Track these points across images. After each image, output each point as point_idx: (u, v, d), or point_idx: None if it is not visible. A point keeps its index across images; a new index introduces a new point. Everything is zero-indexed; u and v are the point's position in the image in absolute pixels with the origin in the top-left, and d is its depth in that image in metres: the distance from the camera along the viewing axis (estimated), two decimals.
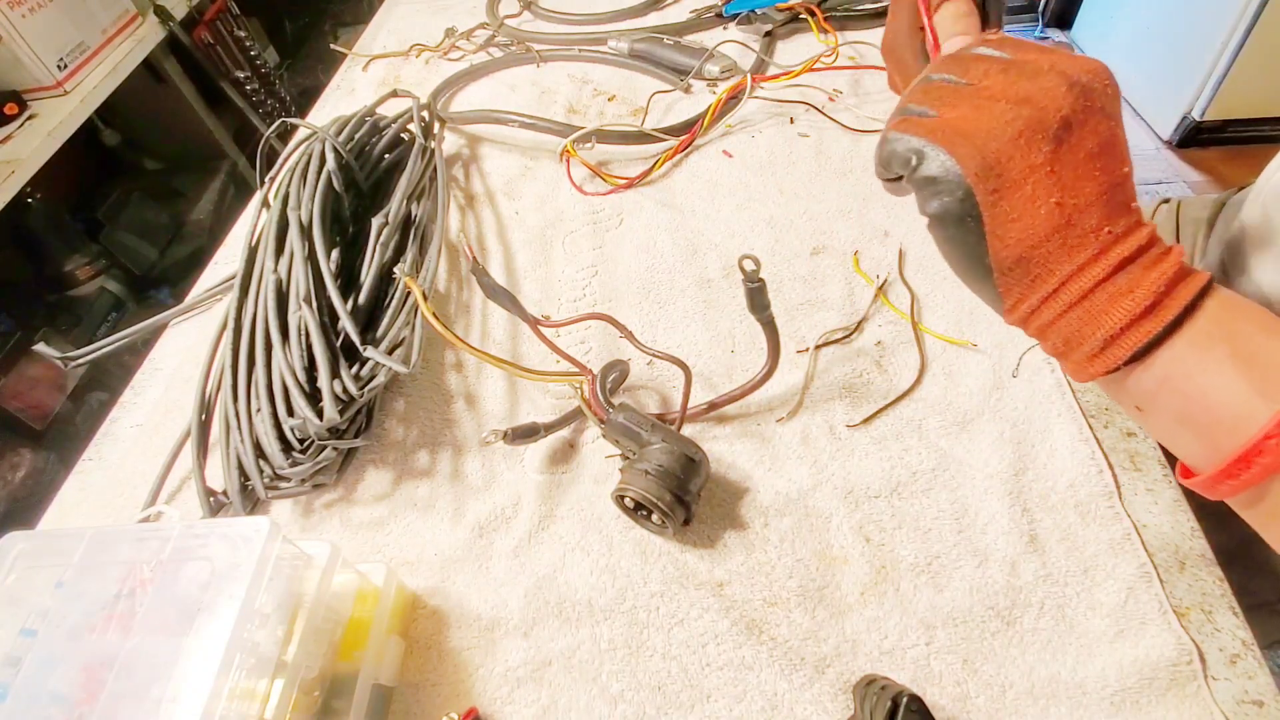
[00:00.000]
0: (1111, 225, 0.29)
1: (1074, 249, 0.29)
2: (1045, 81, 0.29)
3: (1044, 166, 0.29)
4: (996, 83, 0.30)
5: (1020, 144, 0.29)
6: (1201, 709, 0.35)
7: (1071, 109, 0.29)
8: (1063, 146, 0.29)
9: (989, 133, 0.29)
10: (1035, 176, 0.29)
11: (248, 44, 1.81)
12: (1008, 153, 0.29)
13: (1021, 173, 0.29)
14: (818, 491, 0.45)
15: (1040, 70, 0.30)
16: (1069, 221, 0.29)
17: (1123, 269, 0.28)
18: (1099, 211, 0.29)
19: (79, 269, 1.57)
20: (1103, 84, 0.29)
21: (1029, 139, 0.29)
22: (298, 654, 0.34)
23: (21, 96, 1.30)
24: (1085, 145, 0.29)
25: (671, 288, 0.60)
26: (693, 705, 0.38)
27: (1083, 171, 0.29)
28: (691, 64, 0.80)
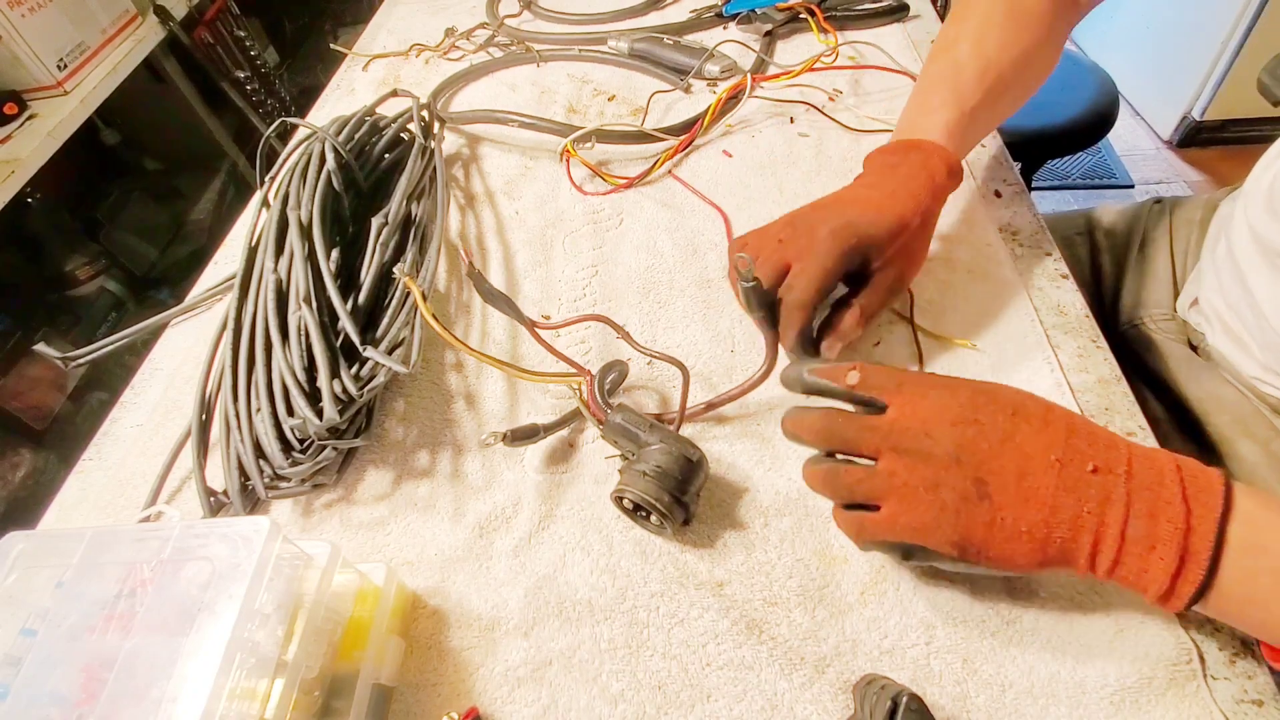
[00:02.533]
0: (1086, 505, 0.31)
1: (1074, 540, 0.31)
2: (937, 458, 0.33)
3: (995, 520, 0.32)
4: (898, 467, 0.34)
5: (964, 521, 0.32)
6: (1201, 708, 0.35)
7: (975, 470, 0.33)
8: (994, 499, 0.32)
9: (936, 525, 0.33)
10: (994, 529, 0.32)
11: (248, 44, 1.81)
12: (961, 530, 0.33)
13: (984, 533, 0.32)
14: None
15: (923, 444, 0.33)
16: (1050, 530, 0.31)
17: (1127, 529, 0.30)
18: (1067, 504, 0.31)
19: (79, 269, 1.57)
20: (976, 426, 0.33)
21: (967, 514, 0.32)
22: (298, 654, 0.34)
23: (21, 96, 1.30)
24: (1009, 479, 0.32)
25: (671, 288, 0.60)
26: (693, 705, 0.38)
27: (1024, 495, 0.32)
28: (691, 64, 0.80)
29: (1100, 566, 0.31)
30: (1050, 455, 0.32)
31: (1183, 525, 0.29)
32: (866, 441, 0.35)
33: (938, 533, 0.33)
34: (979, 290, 0.54)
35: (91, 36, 1.41)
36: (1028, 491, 0.32)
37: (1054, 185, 2.04)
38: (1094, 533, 0.31)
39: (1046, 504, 0.31)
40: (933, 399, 0.34)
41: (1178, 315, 0.61)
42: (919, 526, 0.33)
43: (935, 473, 0.33)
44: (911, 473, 0.34)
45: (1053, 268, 0.55)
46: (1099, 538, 0.31)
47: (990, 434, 0.33)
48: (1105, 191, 2.00)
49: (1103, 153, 2.10)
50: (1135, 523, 0.30)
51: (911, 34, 0.82)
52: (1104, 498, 0.31)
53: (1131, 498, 0.31)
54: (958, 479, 0.33)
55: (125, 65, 1.46)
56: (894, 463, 0.34)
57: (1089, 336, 0.50)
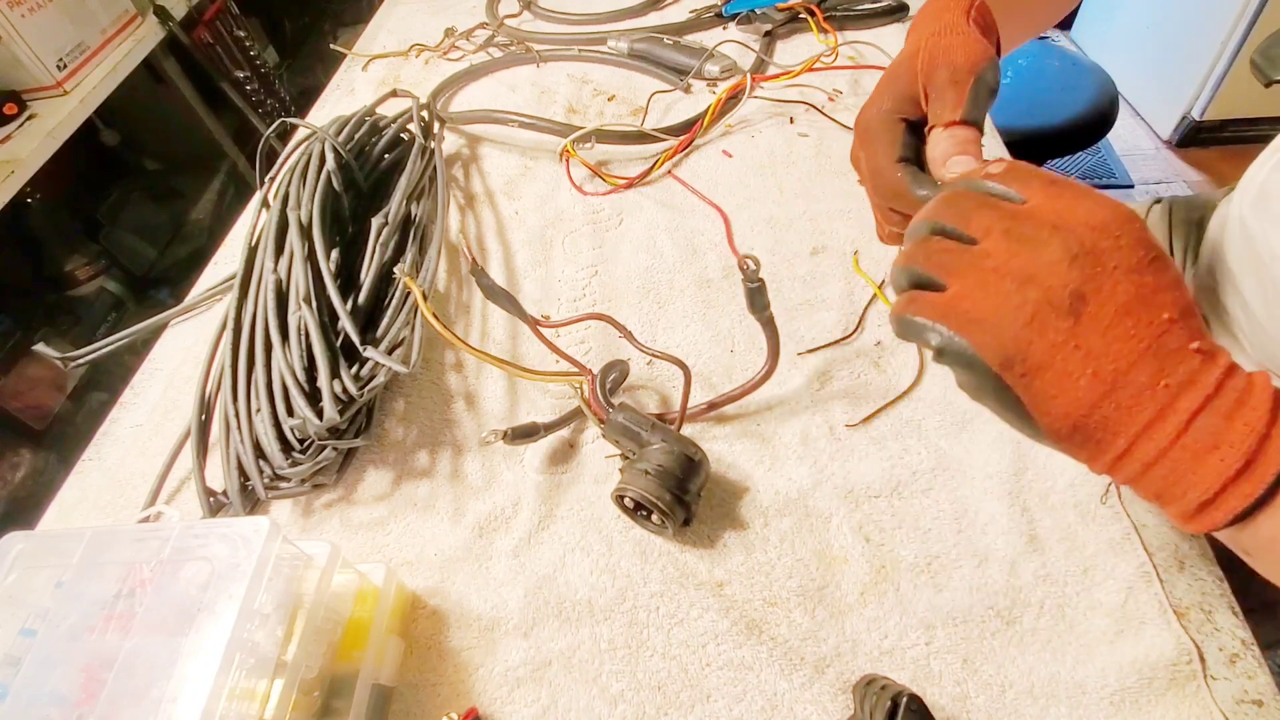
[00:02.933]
0: (1167, 378, 0.26)
1: (1131, 410, 0.27)
2: (1048, 253, 0.28)
3: (1067, 344, 0.27)
4: (1000, 249, 0.29)
5: (1035, 328, 0.27)
6: (1201, 708, 0.35)
7: (1080, 280, 0.27)
8: (1082, 319, 0.27)
9: (1000, 319, 0.28)
10: (1062, 354, 0.27)
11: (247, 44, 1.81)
12: (1025, 338, 0.27)
13: (1046, 353, 0.27)
14: (817, 491, 0.45)
15: (1042, 235, 0.28)
16: (1114, 386, 0.27)
17: (1195, 421, 0.26)
18: (1147, 367, 0.27)
19: (79, 269, 1.57)
20: (1114, 239, 0.28)
21: (1042, 321, 0.27)
22: (297, 654, 0.34)
23: (21, 96, 1.29)
24: (1108, 309, 0.27)
25: (671, 288, 0.60)
26: (693, 705, 0.38)
27: (1114, 335, 0.27)
28: (691, 64, 0.80)
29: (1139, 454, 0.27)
30: (1165, 313, 0.27)
31: (1261, 431, 0.26)
32: (980, 218, 0.30)
33: (995, 330, 0.28)
34: None
35: (91, 36, 1.41)
36: (1124, 331, 0.27)
37: None
38: (1158, 410, 0.27)
39: (1133, 354, 0.27)
40: (1083, 200, 0.29)
41: None
42: (978, 317, 0.28)
43: (1037, 265, 0.28)
44: (1010, 258, 0.28)
45: None
46: (1160, 417, 0.27)
47: (1122, 255, 0.27)
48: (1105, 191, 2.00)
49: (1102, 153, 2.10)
50: (1208, 417, 0.26)
51: None
52: (1190, 379, 0.27)
53: (1218, 392, 0.26)
54: (1057, 281, 0.27)
55: (125, 65, 1.46)
56: (996, 244, 0.29)
57: None
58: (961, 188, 0.32)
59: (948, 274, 0.30)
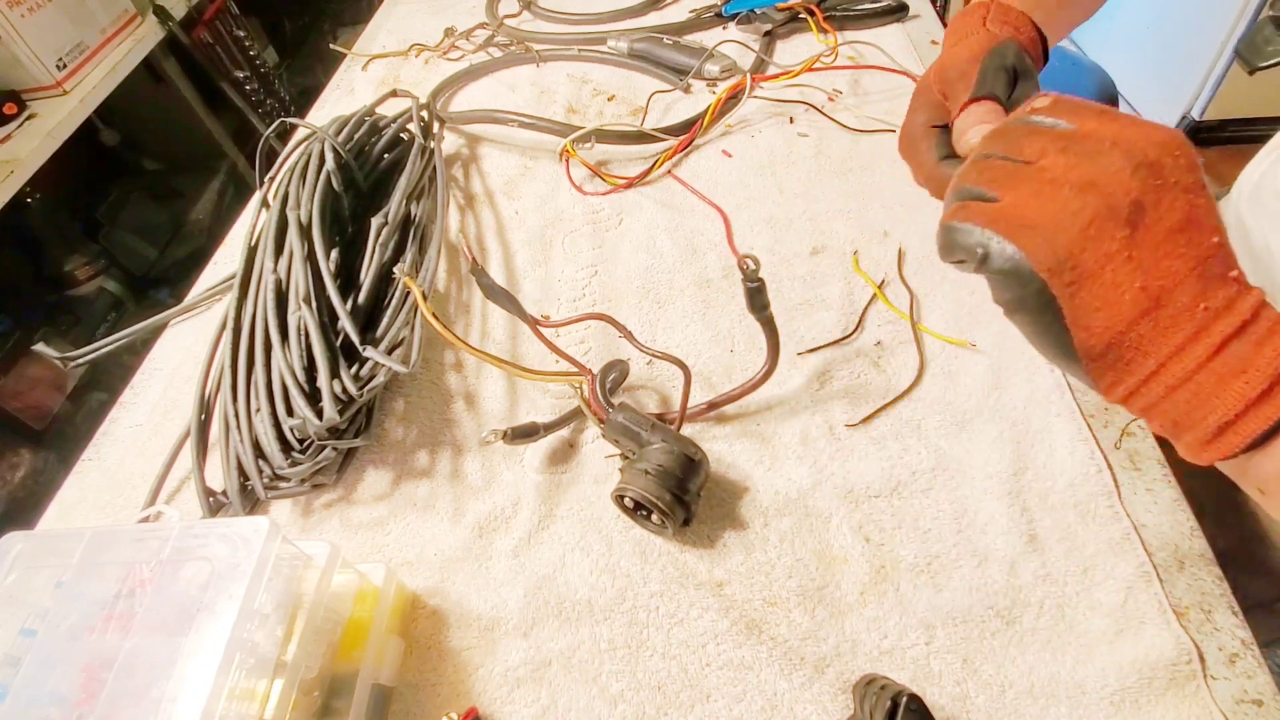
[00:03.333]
0: (1208, 300, 0.27)
1: (1168, 330, 0.27)
2: (1109, 162, 0.27)
3: (1121, 253, 0.27)
4: (1057, 163, 0.28)
5: (1091, 234, 0.27)
6: (1201, 708, 0.35)
7: (1141, 190, 0.27)
8: (1139, 230, 0.27)
9: (1056, 224, 0.27)
10: (1113, 264, 0.27)
11: (247, 44, 1.81)
12: (1080, 244, 0.27)
13: (1097, 262, 0.27)
14: (817, 491, 0.45)
15: (1102, 148, 0.28)
16: (1158, 303, 0.27)
17: (1227, 346, 0.26)
18: (1191, 288, 0.27)
19: (78, 269, 1.57)
20: (1173, 156, 0.27)
21: (1100, 228, 0.27)
22: (297, 654, 0.34)
23: (20, 96, 1.29)
24: (1164, 223, 0.27)
25: (671, 288, 0.60)
26: (692, 705, 0.38)
27: (1165, 250, 0.27)
28: (691, 64, 0.80)
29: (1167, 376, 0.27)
30: (1214, 237, 0.27)
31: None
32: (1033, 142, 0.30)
33: (1050, 234, 0.27)
34: (978, 290, 0.54)
35: (91, 36, 1.41)
36: (1175, 249, 0.27)
37: None
38: (1194, 331, 0.27)
39: (1179, 273, 0.27)
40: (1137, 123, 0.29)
41: None
42: (1033, 222, 0.28)
43: (1098, 173, 0.27)
44: (1069, 169, 0.28)
45: None
46: (1194, 339, 0.27)
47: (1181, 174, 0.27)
48: None
49: None
50: (1239, 344, 0.26)
51: (911, 34, 0.82)
52: (1228, 305, 0.27)
53: (1254, 318, 0.26)
54: (1120, 188, 0.27)
55: (124, 65, 1.46)
56: (1053, 160, 0.29)
57: None
58: (1011, 123, 0.31)
59: (1001, 187, 0.29)
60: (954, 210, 0.30)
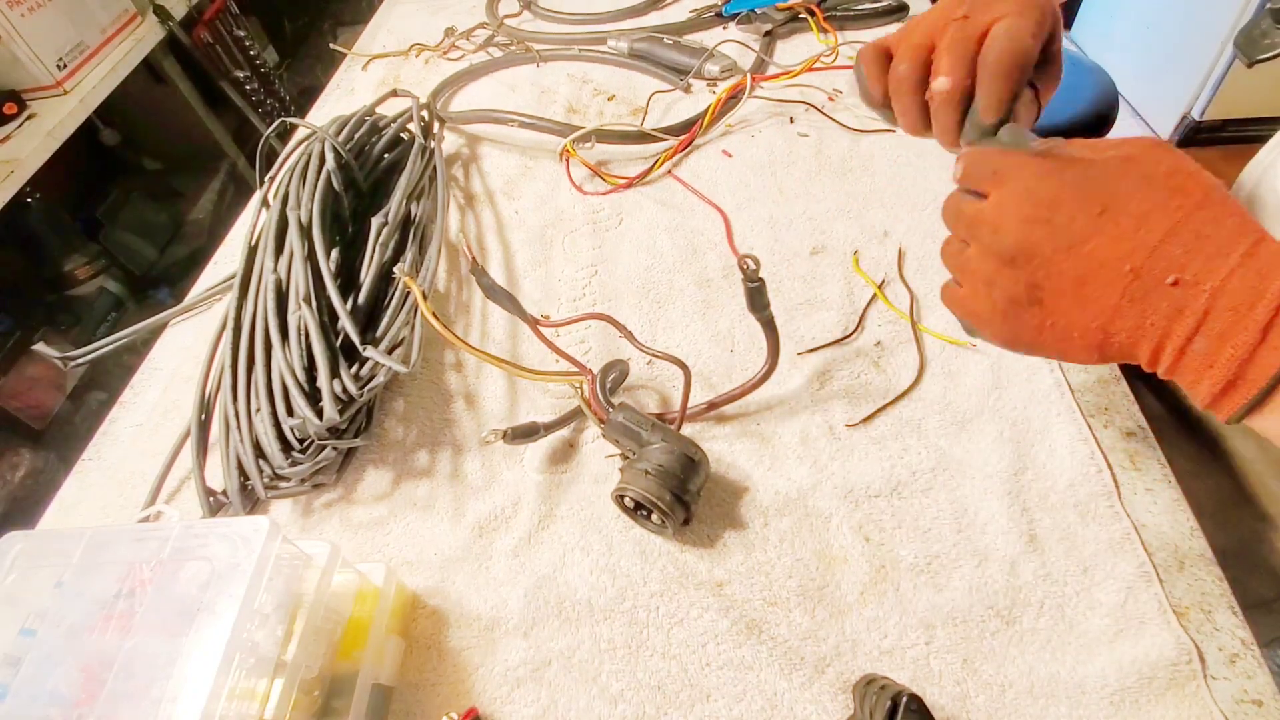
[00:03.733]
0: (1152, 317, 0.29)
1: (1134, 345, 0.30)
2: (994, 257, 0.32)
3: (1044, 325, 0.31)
4: (973, 255, 0.33)
5: (1012, 324, 0.32)
6: (1201, 708, 0.35)
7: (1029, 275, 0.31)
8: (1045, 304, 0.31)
9: (989, 319, 0.33)
10: (1045, 334, 0.31)
11: (247, 44, 1.81)
12: (1011, 333, 0.32)
13: (1031, 337, 0.32)
14: (817, 491, 0.45)
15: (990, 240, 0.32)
16: (1108, 335, 0.30)
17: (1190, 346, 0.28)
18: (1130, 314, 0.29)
19: (78, 269, 1.57)
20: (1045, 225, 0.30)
21: (1015, 317, 0.32)
22: (297, 654, 0.34)
23: (21, 96, 1.29)
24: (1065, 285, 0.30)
25: (671, 287, 0.60)
26: (692, 705, 0.38)
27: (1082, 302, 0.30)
28: (691, 64, 0.80)
29: (1160, 369, 0.30)
30: (1125, 265, 0.29)
31: (1244, 356, 0.27)
32: (958, 228, 0.34)
33: (989, 327, 0.33)
34: None
35: (91, 36, 1.41)
36: (1085, 299, 0.29)
37: None
38: (1154, 343, 0.29)
39: (1105, 312, 0.29)
40: (1017, 188, 0.31)
41: None
42: (975, 315, 0.34)
43: (993, 271, 0.32)
44: (980, 263, 0.33)
45: None
46: (1159, 348, 0.29)
47: (1060, 236, 0.30)
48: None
49: None
50: (1200, 341, 0.28)
51: None
52: (1175, 311, 0.28)
53: (1209, 315, 0.27)
54: (1010, 282, 0.31)
55: (125, 65, 1.46)
56: (972, 250, 0.33)
57: None
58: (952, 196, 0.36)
59: (955, 273, 0.35)
60: (942, 294, 0.36)
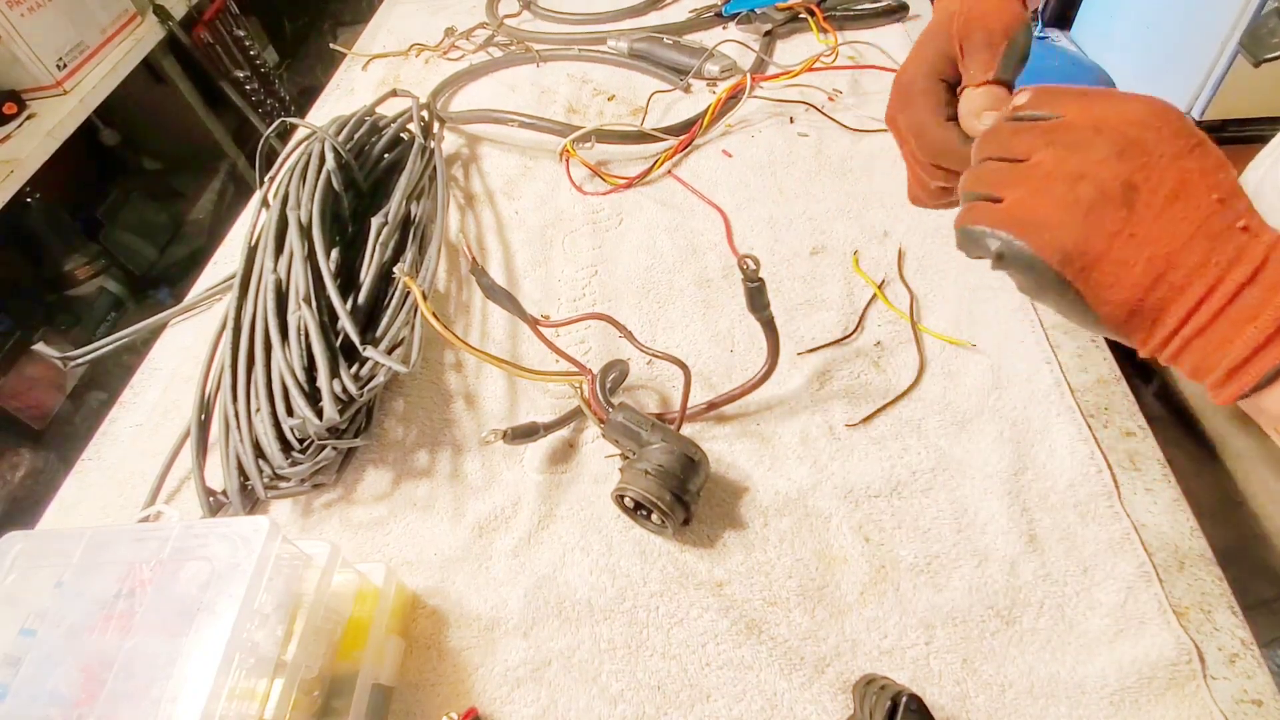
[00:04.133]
0: (1216, 255, 0.28)
1: (1182, 290, 0.29)
2: (1095, 152, 0.29)
3: (1123, 232, 0.29)
4: (1047, 158, 0.30)
5: (1092, 221, 0.29)
6: (1200, 708, 0.35)
7: (1130, 171, 0.29)
8: (1135, 208, 0.29)
9: (1058, 219, 0.29)
10: (1118, 242, 0.29)
11: (247, 44, 1.81)
12: (1082, 233, 0.29)
13: (1103, 244, 0.29)
14: (817, 491, 0.45)
15: (1086, 137, 0.30)
16: (1170, 267, 0.28)
17: (1241, 294, 0.28)
18: (1198, 249, 0.28)
19: (78, 269, 1.57)
20: (1155, 130, 0.29)
21: (1098, 214, 0.29)
22: (297, 654, 0.34)
23: (20, 96, 1.30)
24: (1158, 195, 0.29)
25: (671, 287, 0.60)
26: (692, 705, 0.38)
27: (1166, 219, 0.28)
28: (691, 64, 0.80)
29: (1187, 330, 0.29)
30: (1214, 195, 0.28)
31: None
32: (1021, 141, 0.32)
33: (1055, 229, 0.30)
34: (978, 290, 0.54)
35: (91, 36, 1.41)
36: (1175, 216, 0.28)
37: None
38: (1208, 286, 0.28)
39: (1183, 236, 0.28)
40: (1116, 102, 0.31)
41: None
42: (1037, 221, 0.30)
43: (1086, 165, 0.29)
44: (1059, 164, 0.30)
45: None
46: (1209, 293, 0.28)
47: (1165, 145, 0.29)
48: None
49: None
50: (1252, 290, 0.27)
51: (911, 34, 0.82)
52: (1237, 256, 0.28)
53: (1265, 266, 0.28)
54: (1109, 174, 0.29)
55: (124, 65, 1.46)
56: (1044, 156, 0.31)
57: (1088, 336, 0.50)
58: (999, 124, 0.33)
59: (1002, 188, 0.32)
60: (965, 213, 0.33)
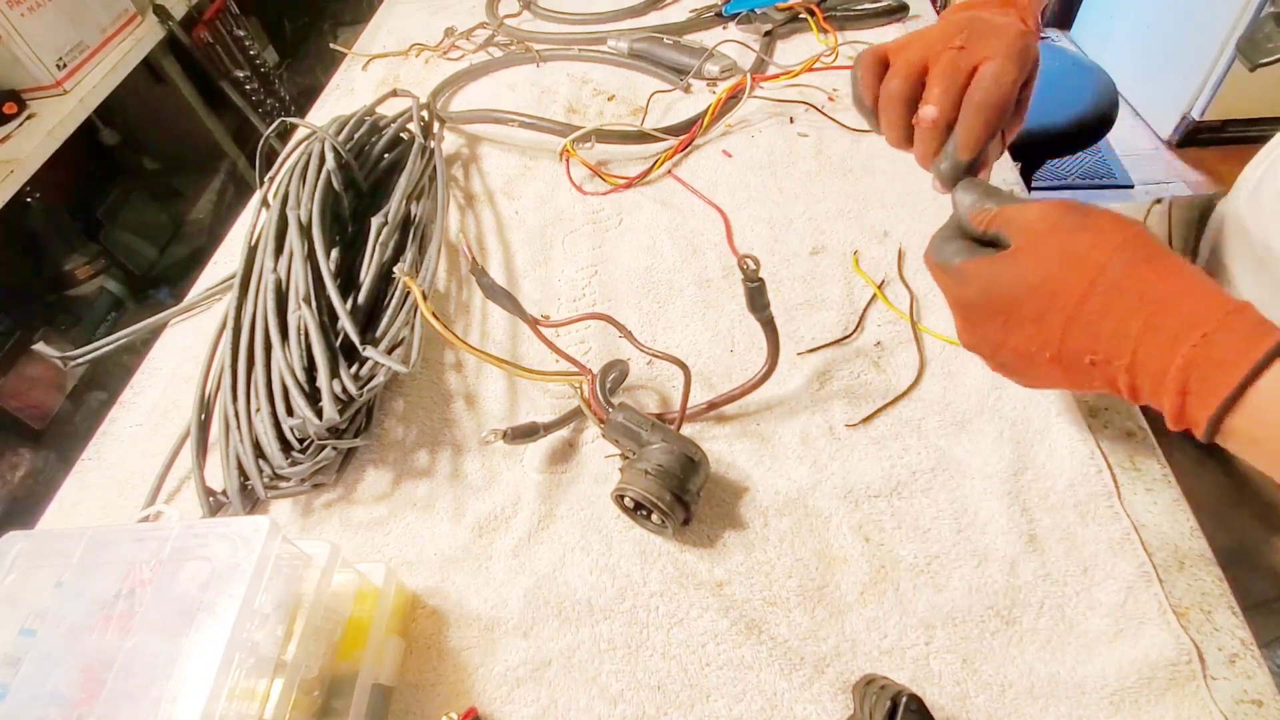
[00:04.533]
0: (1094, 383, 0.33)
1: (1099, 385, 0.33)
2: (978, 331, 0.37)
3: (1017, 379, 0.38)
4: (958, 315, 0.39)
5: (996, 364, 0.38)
6: (1200, 708, 0.35)
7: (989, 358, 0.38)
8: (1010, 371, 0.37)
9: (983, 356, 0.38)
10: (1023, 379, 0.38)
11: (247, 43, 1.80)
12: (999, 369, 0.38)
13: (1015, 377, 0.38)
14: (817, 491, 0.45)
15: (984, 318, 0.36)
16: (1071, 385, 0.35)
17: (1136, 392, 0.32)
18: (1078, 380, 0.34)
19: (78, 269, 1.56)
20: (979, 341, 0.37)
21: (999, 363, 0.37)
22: (297, 654, 0.34)
23: (20, 96, 1.29)
24: (1017, 366, 0.36)
25: (671, 287, 0.60)
26: (692, 705, 0.38)
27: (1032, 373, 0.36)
28: (691, 63, 0.80)
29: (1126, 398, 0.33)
30: (1045, 354, 0.33)
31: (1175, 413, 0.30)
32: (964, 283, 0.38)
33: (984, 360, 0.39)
34: None
35: (91, 36, 1.40)
36: (1037, 376, 0.36)
37: (1053, 185, 2.04)
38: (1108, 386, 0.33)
39: (1057, 380, 0.35)
40: (951, 301, 0.39)
41: None
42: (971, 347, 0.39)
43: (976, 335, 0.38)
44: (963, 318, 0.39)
45: None
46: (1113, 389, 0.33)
47: (987, 340, 0.37)
48: (1104, 191, 2.00)
49: (1102, 153, 2.10)
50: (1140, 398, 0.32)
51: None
52: (1107, 380, 0.32)
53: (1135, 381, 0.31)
54: (983, 355, 0.38)
55: (124, 65, 1.46)
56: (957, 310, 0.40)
57: None
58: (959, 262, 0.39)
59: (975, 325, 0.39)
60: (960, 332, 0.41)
